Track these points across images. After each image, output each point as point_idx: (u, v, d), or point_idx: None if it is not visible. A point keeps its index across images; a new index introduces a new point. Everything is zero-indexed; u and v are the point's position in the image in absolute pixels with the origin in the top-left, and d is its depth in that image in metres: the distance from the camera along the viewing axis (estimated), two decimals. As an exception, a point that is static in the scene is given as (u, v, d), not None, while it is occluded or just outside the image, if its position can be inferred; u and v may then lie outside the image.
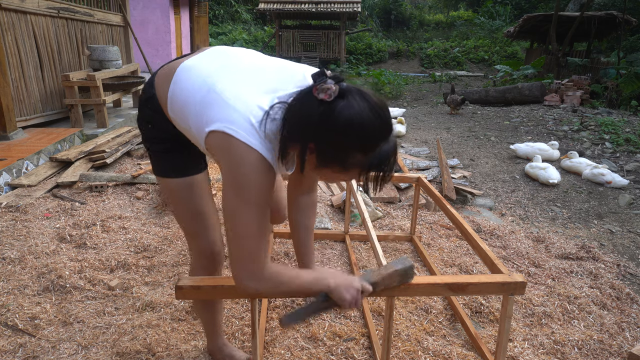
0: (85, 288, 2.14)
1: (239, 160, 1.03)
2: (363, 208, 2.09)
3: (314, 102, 0.97)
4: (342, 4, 14.80)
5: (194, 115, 1.14)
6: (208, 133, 1.07)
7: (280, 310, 2.05)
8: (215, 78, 1.13)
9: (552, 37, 11.01)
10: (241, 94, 1.08)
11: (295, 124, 1.00)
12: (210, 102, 1.10)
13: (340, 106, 0.95)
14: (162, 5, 10.55)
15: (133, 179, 3.51)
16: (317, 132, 0.98)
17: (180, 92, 1.19)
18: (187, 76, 1.20)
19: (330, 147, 0.99)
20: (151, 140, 1.38)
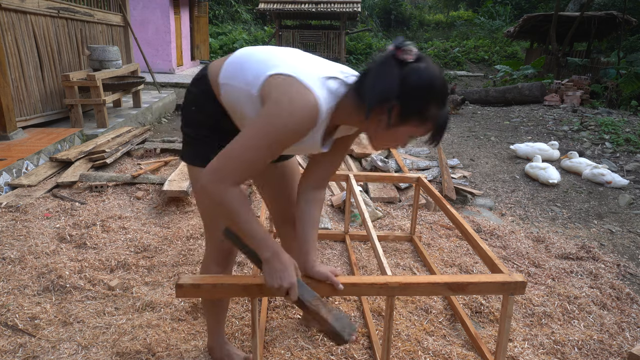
0: (85, 288, 2.14)
1: (294, 95, 1.09)
2: (363, 208, 2.09)
3: (394, 64, 1.08)
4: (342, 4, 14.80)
5: (253, 69, 1.20)
6: (269, 76, 1.15)
7: (280, 310, 2.05)
8: (276, 50, 1.26)
9: (552, 37, 11.01)
10: (303, 64, 1.19)
11: (382, 84, 1.08)
12: (272, 58, 1.20)
13: (422, 66, 1.08)
14: (162, 5, 10.55)
15: (133, 179, 3.51)
16: (404, 88, 1.08)
17: (239, 56, 1.27)
18: (247, 49, 1.29)
19: (415, 101, 1.09)
20: (192, 124, 1.37)
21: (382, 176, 2.91)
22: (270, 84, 1.15)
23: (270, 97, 1.12)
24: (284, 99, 1.09)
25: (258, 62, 1.22)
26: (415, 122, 1.13)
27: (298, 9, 14.86)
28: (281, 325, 1.93)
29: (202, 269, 1.57)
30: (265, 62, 1.20)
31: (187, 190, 3.11)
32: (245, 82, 1.21)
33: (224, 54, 15.74)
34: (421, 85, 1.08)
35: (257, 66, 1.21)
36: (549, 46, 11.46)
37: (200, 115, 1.36)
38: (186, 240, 2.68)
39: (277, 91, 1.12)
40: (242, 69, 1.24)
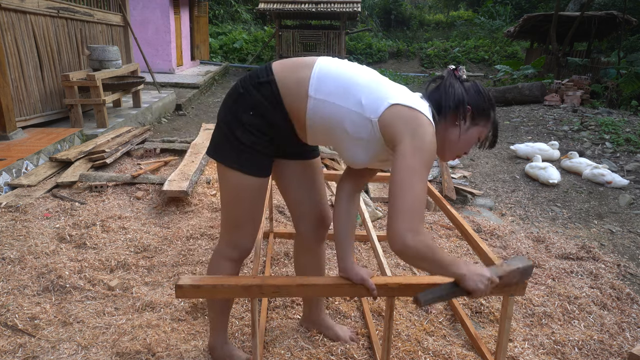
0: (85, 288, 2.14)
1: (426, 130, 1.23)
2: (363, 208, 2.09)
3: (457, 81, 1.36)
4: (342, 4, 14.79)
5: (365, 93, 1.29)
6: (393, 105, 1.26)
7: (281, 310, 2.05)
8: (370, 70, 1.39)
9: (552, 37, 11.00)
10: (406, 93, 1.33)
11: (455, 96, 1.32)
12: (384, 83, 1.33)
13: (473, 82, 1.37)
14: (162, 5, 10.54)
15: (133, 179, 3.51)
16: (471, 97, 1.34)
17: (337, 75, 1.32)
18: (339, 63, 1.36)
19: (481, 106, 1.35)
20: (244, 129, 1.35)
21: (382, 176, 2.91)
22: (392, 114, 1.25)
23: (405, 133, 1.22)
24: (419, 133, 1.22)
25: (368, 87, 1.30)
26: (483, 122, 1.36)
27: (298, 9, 14.86)
28: (281, 325, 1.93)
29: (212, 266, 1.58)
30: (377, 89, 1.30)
31: (187, 190, 3.10)
32: (358, 105, 1.28)
33: (224, 54, 15.73)
34: (481, 92, 1.35)
35: (369, 92, 1.29)
36: (549, 46, 11.45)
37: (257, 120, 1.35)
38: (186, 241, 2.68)
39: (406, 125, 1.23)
40: (348, 90, 1.30)
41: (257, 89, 1.34)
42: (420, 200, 1.18)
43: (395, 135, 1.23)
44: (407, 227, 1.15)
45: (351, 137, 1.32)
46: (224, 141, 1.40)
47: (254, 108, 1.34)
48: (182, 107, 7.65)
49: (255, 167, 1.40)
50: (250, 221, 1.50)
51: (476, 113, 1.34)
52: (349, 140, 1.33)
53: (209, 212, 3.10)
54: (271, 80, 1.33)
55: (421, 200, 1.19)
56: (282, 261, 2.51)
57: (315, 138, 1.41)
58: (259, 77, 1.35)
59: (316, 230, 1.70)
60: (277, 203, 3.29)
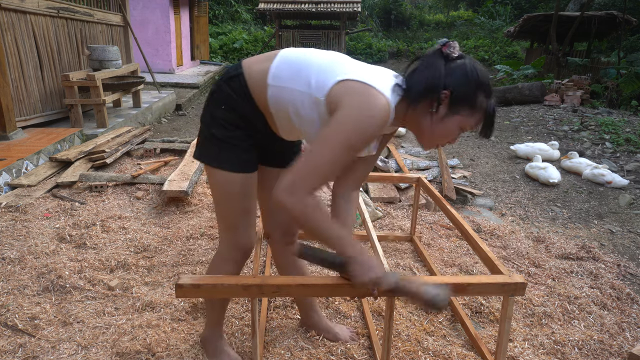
0: (85, 288, 2.14)
1: (370, 104, 1.12)
2: (363, 208, 2.09)
3: (441, 59, 1.17)
4: (342, 4, 14.80)
5: (315, 74, 1.22)
6: (339, 81, 1.17)
7: (281, 310, 2.05)
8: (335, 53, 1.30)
9: (552, 37, 11.00)
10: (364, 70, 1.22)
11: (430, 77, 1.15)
12: (336, 63, 1.24)
13: (465, 60, 1.17)
14: (162, 5, 10.54)
15: (133, 179, 3.51)
16: (452, 80, 1.15)
17: (292, 61, 1.28)
18: (295, 52, 1.31)
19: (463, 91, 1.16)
20: (219, 124, 1.35)
21: (382, 176, 2.91)
22: (340, 89, 1.17)
23: (345, 101, 1.14)
24: (363, 103, 1.12)
25: (320, 66, 1.24)
26: (465, 111, 1.18)
27: (298, 9, 14.86)
28: (281, 325, 1.93)
29: (212, 268, 1.57)
30: (329, 67, 1.23)
31: (187, 190, 3.10)
32: (307, 85, 1.23)
33: (224, 54, 15.73)
34: (468, 74, 1.15)
35: (319, 71, 1.23)
36: (549, 46, 11.45)
37: (230, 114, 1.34)
38: (186, 240, 2.68)
39: (352, 96, 1.14)
40: (299, 72, 1.25)
41: (227, 83, 1.34)
42: (320, 169, 1.12)
43: (336, 106, 1.15)
44: (290, 188, 1.11)
45: (306, 121, 1.27)
46: (205, 141, 1.40)
47: (226, 102, 1.34)
48: (182, 107, 7.65)
49: (236, 163, 1.37)
50: (244, 219, 1.47)
51: (455, 99, 1.16)
52: (306, 124, 1.28)
53: (209, 212, 3.10)
54: (239, 74, 1.32)
55: (322, 171, 1.12)
56: (282, 261, 2.51)
57: (283, 129, 1.37)
58: (229, 73, 1.36)
59: (284, 237, 1.72)
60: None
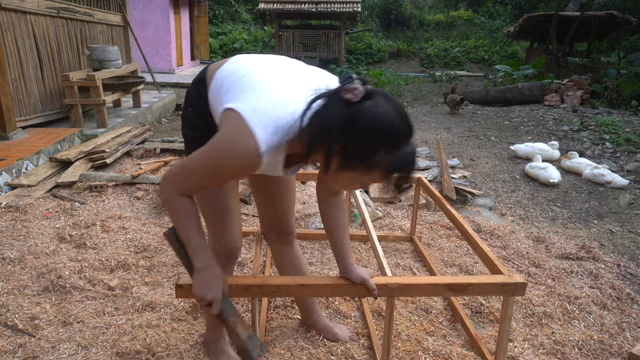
0: (85, 288, 2.14)
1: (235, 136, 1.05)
2: (363, 208, 2.09)
3: (339, 103, 1.00)
4: (342, 4, 14.80)
5: (225, 94, 1.18)
6: (226, 109, 1.10)
7: (281, 310, 2.05)
8: (256, 68, 1.20)
9: (552, 37, 11.01)
10: (272, 88, 1.11)
11: (321, 126, 1.01)
12: (243, 85, 1.15)
13: (367, 106, 0.99)
14: (162, 5, 10.55)
15: (133, 179, 3.51)
16: (344, 132, 0.99)
17: (223, 74, 1.25)
18: (235, 63, 1.27)
19: (357, 146, 1.00)
20: (187, 125, 1.40)
21: (382, 176, 2.91)
22: (224, 117, 1.12)
23: (220, 130, 1.11)
24: (227, 143, 1.07)
25: (232, 85, 1.18)
26: (360, 169, 1.03)
27: (298, 9, 14.86)
28: (281, 325, 1.93)
29: None
30: (235, 87, 1.16)
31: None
32: (218, 105, 1.20)
33: (224, 54, 15.74)
34: (364, 128, 0.98)
35: (228, 90, 1.18)
36: (549, 46, 11.46)
37: (195, 116, 1.36)
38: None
39: (224, 130, 1.10)
40: (221, 89, 1.21)
41: (194, 86, 1.36)
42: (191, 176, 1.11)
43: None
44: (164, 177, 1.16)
45: None
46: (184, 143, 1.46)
47: (192, 105, 1.37)
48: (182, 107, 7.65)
49: None
50: (222, 218, 1.46)
51: (345, 158, 1.01)
52: None
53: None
54: (204, 78, 1.33)
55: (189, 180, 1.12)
56: (282, 261, 2.51)
57: None
58: (198, 76, 1.36)
59: (279, 238, 1.72)
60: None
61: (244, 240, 2.71)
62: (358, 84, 1.00)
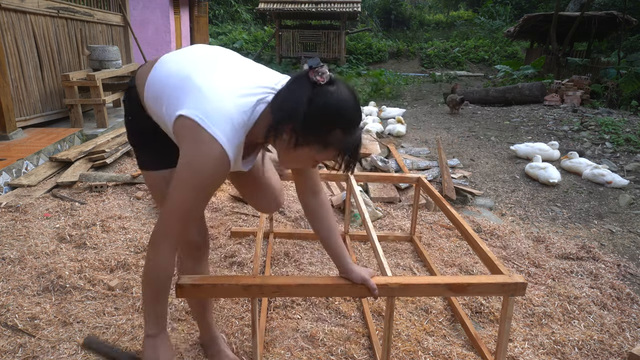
0: (85, 288, 2.14)
1: (201, 150, 1.08)
2: (363, 208, 2.09)
3: (307, 85, 1.09)
4: (342, 4, 14.80)
5: (167, 100, 1.18)
6: (178, 116, 1.12)
7: (281, 310, 2.05)
8: (193, 68, 1.20)
9: (552, 37, 11.01)
10: (217, 87, 1.14)
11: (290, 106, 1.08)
12: (185, 88, 1.15)
13: (332, 89, 1.09)
14: (162, 5, 10.55)
15: (133, 179, 3.51)
16: (309, 110, 1.07)
17: (157, 79, 1.24)
18: (166, 66, 1.25)
19: (318, 124, 1.09)
20: (131, 132, 1.42)
21: (382, 176, 2.91)
22: (178, 126, 1.12)
23: (182, 148, 1.12)
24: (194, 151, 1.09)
25: (170, 93, 1.18)
26: (316, 146, 1.12)
27: (298, 9, 14.86)
28: (281, 325, 1.93)
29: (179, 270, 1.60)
30: (177, 93, 1.16)
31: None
32: (163, 113, 1.21)
33: (224, 54, 15.74)
34: (326, 108, 1.08)
35: (169, 97, 1.18)
36: (549, 46, 11.46)
37: (136, 124, 1.39)
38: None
39: (185, 140, 1.11)
40: (161, 95, 1.21)
41: (126, 96, 1.39)
42: (176, 218, 1.13)
43: (179, 145, 1.15)
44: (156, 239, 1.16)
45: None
46: (135, 152, 1.47)
47: (130, 114, 1.39)
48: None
49: (157, 162, 1.39)
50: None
51: (305, 134, 1.09)
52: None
53: (209, 212, 3.10)
54: (134, 87, 1.34)
55: (178, 217, 1.13)
56: (282, 261, 2.51)
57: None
58: (129, 83, 1.38)
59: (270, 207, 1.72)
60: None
61: (244, 240, 2.72)
62: (326, 69, 1.09)
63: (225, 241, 2.69)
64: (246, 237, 2.75)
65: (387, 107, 7.22)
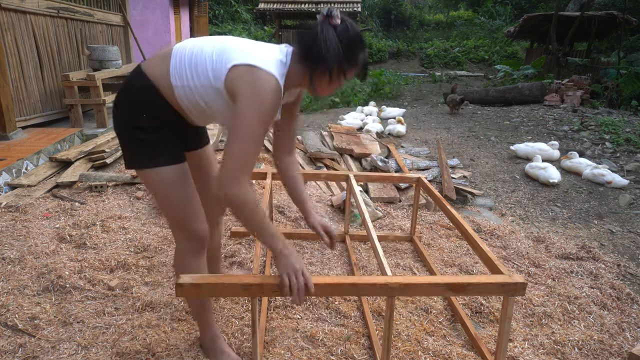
0: (85, 288, 2.14)
1: (262, 85, 1.29)
2: (363, 208, 2.09)
3: (329, 29, 1.33)
4: (342, 4, 14.81)
5: (209, 66, 1.35)
6: (232, 67, 1.32)
7: (281, 310, 2.05)
8: (220, 39, 1.42)
9: (552, 37, 11.01)
10: (253, 45, 1.40)
11: (323, 49, 1.31)
12: (226, 51, 1.35)
13: (347, 24, 1.35)
14: (162, 5, 10.54)
15: (133, 179, 3.51)
16: (343, 47, 1.33)
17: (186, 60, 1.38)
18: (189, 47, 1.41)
19: (352, 53, 1.36)
20: (145, 130, 1.43)
21: (382, 176, 2.91)
22: (234, 74, 1.31)
23: (240, 90, 1.29)
24: (255, 89, 1.28)
25: (212, 56, 1.36)
26: (351, 70, 1.39)
27: (298, 9, 14.87)
28: (281, 325, 1.93)
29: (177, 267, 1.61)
30: (220, 55, 1.35)
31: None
32: (207, 78, 1.36)
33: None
34: (353, 39, 1.35)
35: (213, 61, 1.35)
36: (549, 46, 11.46)
37: (152, 120, 1.43)
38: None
39: (244, 84, 1.29)
40: (196, 67, 1.37)
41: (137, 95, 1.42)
42: (249, 151, 1.29)
43: (235, 94, 1.31)
44: (232, 178, 1.27)
45: (216, 109, 1.42)
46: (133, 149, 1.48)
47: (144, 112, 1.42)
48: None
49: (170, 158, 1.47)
50: (190, 207, 1.53)
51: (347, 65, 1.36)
52: (217, 112, 1.44)
53: (209, 212, 3.10)
54: (149, 86, 1.40)
55: (250, 152, 1.29)
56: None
57: (198, 119, 1.52)
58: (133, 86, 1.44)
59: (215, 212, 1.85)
60: (277, 203, 3.29)
61: (244, 240, 2.72)
62: (337, 11, 1.34)
63: (225, 241, 2.69)
64: (246, 237, 2.75)
65: (387, 107, 7.21)
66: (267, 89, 1.28)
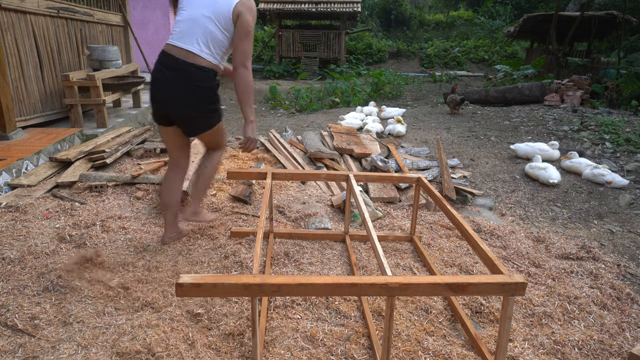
0: (85, 288, 2.14)
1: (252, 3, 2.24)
2: (363, 208, 2.09)
3: None
4: (342, 4, 14.80)
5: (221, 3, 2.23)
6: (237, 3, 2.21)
7: (281, 310, 2.05)
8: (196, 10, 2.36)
9: (552, 37, 11.00)
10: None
11: None
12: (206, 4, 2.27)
13: None
14: (162, 5, 10.55)
15: (133, 179, 3.51)
16: None
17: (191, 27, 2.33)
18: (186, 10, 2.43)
19: None
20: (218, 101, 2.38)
21: (382, 176, 2.91)
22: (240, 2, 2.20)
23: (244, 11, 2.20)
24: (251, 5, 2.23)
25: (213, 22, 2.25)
26: None
27: (298, 9, 14.86)
28: (281, 325, 1.93)
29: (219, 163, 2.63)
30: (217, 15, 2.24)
31: (186, 190, 3.10)
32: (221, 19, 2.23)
33: (224, 54, 15.75)
34: None
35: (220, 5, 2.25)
36: (549, 46, 11.45)
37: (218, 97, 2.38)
38: (186, 240, 2.68)
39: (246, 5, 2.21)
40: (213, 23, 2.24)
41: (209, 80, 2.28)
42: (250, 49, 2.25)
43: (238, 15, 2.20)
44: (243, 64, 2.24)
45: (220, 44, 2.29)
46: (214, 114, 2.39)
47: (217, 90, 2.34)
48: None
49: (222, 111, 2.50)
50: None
51: None
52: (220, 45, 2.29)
53: (209, 212, 3.10)
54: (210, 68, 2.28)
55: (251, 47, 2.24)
56: (282, 261, 2.51)
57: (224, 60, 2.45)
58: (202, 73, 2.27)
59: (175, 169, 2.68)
60: (277, 203, 3.29)
61: (244, 240, 2.72)
62: None
63: (225, 241, 2.69)
64: (246, 237, 2.75)
65: (387, 107, 7.21)
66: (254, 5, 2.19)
